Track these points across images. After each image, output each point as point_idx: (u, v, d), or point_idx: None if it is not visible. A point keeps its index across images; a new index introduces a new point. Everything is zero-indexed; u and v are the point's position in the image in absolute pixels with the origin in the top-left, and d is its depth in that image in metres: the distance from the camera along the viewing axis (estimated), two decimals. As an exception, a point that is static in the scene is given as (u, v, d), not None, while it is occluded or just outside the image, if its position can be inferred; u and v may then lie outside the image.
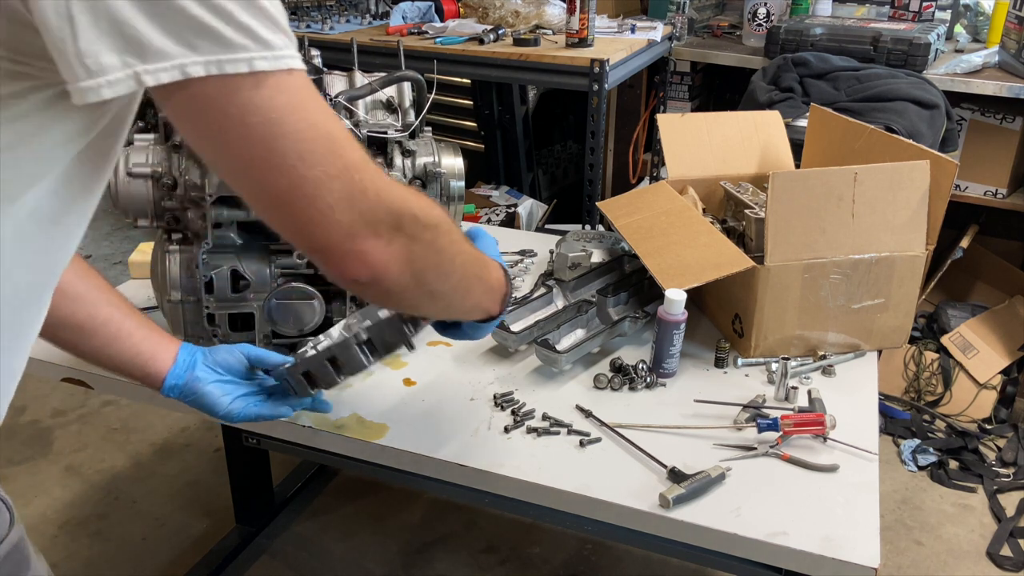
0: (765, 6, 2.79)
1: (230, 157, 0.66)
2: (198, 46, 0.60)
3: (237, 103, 0.63)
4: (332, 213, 0.69)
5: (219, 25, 0.60)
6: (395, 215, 0.73)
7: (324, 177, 0.67)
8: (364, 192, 0.70)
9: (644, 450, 1.16)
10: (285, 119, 0.65)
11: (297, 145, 0.65)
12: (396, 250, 0.74)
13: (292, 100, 0.65)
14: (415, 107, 1.37)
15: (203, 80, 0.61)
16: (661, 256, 1.38)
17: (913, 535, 2.16)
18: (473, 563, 2.06)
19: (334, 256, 0.72)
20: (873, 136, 1.50)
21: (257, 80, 0.62)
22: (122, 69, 0.59)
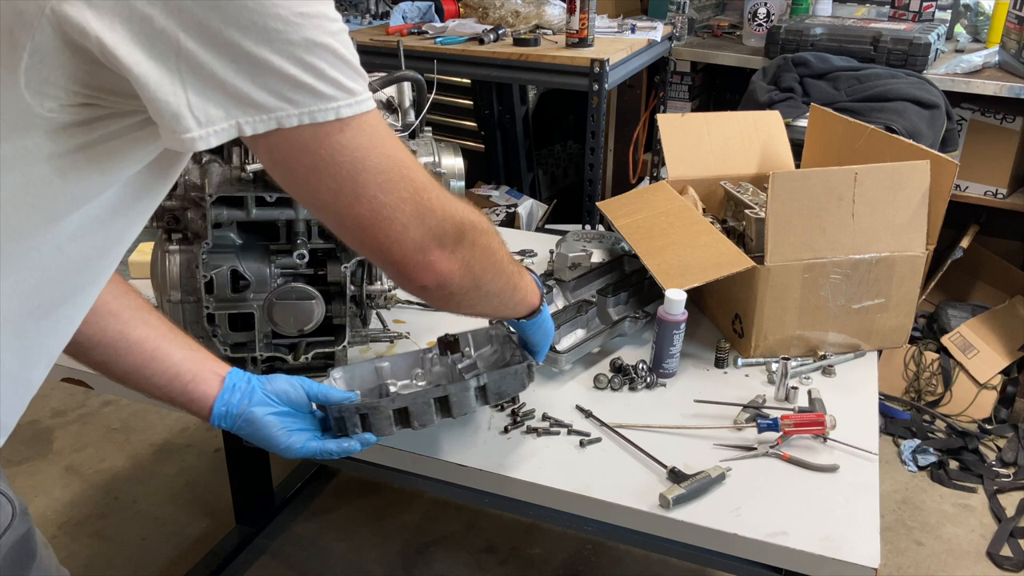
0: (765, 6, 2.79)
1: (320, 191, 0.74)
2: (293, 100, 0.67)
3: (327, 146, 0.71)
4: (407, 232, 0.78)
5: (311, 80, 0.67)
6: (458, 227, 0.83)
7: (399, 201, 0.77)
8: (432, 210, 0.80)
9: (644, 450, 1.16)
10: (367, 156, 0.73)
11: (377, 177, 0.75)
12: (459, 258, 0.84)
13: (371, 138, 0.73)
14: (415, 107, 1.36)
15: (296, 128, 0.68)
16: (661, 256, 1.38)
17: (913, 535, 2.16)
18: (473, 563, 2.06)
19: (407, 267, 0.81)
20: (873, 136, 1.50)
21: (342, 124, 0.70)
22: (226, 120, 0.66)
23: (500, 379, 1.08)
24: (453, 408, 1.06)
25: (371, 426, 1.04)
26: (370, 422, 1.03)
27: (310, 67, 0.67)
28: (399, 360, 1.25)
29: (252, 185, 1.21)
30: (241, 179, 1.20)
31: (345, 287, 1.29)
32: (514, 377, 1.09)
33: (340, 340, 1.32)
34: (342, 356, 1.31)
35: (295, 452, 1.02)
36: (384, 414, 1.03)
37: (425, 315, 1.52)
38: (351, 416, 1.03)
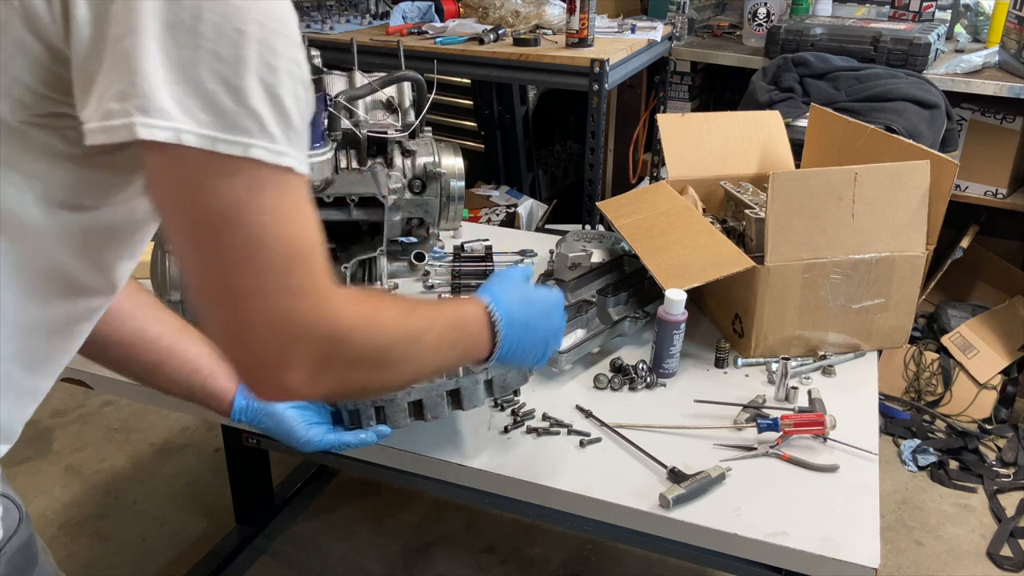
0: (765, 6, 2.79)
1: (180, 231, 0.63)
2: (201, 119, 0.59)
3: (210, 186, 0.60)
4: (255, 331, 0.65)
5: (232, 105, 0.59)
6: (329, 345, 0.69)
7: (257, 292, 0.64)
8: (298, 320, 0.66)
9: (644, 450, 1.16)
10: (246, 218, 0.61)
11: (245, 249, 0.62)
12: (320, 381, 0.69)
13: (267, 201, 0.62)
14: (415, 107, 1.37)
15: (190, 150, 0.59)
16: (661, 256, 1.38)
17: (913, 535, 2.16)
18: (473, 563, 2.06)
19: (250, 374, 0.68)
20: (873, 136, 1.50)
21: (241, 167, 0.60)
22: (123, 116, 0.58)
23: (505, 373, 1.12)
24: (464, 400, 1.09)
25: (386, 418, 1.06)
26: (385, 414, 1.05)
27: (236, 91, 0.59)
28: None
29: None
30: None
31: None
32: (518, 371, 1.14)
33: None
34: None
35: (314, 445, 1.03)
36: (399, 407, 1.06)
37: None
38: (366, 409, 1.05)
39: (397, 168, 1.32)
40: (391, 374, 0.79)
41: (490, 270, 1.66)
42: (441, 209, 1.36)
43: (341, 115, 1.25)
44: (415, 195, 1.34)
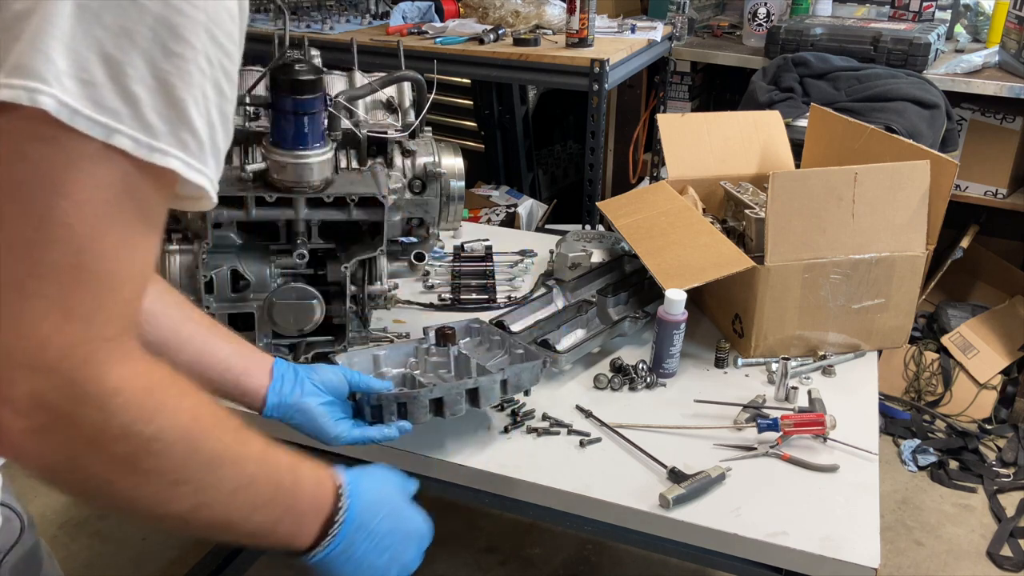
0: (765, 6, 2.79)
1: None
2: (65, 85, 0.49)
3: (27, 145, 0.49)
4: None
5: (101, 76, 0.50)
6: (76, 401, 0.53)
7: (16, 283, 0.50)
8: (55, 346, 0.51)
9: (644, 450, 1.16)
10: (52, 196, 0.50)
11: (41, 232, 0.50)
12: (38, 440, 0.53)
13: (96, 193, 0.51)
14: (415, 107, 1.36)
15: (37, 111, 0.49)
16: (661, 256, 1.38)
17: (913, 535, 2.16)
18: (473, 563, 2.06)
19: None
20: (873, 136, 1.50)
21: (91, 149, 0.50)
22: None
23: (519, 372, 1.16)
24: (481, 399, 1.12)
25: (408, 414, 1.08)
26: (407, 410, 1.08)
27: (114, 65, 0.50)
28: (395, 349, 1.28)
29: (252, 185, 1.21)
30: (241, 179, 1.20)
31: (345, 287, 1.29)
32: (531, 372, 1.18)
33: (340, 340, 1.32)
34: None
35: (343, 440, 1.04)
36: (421, 403, 1.08)
37: (425, 315, 1.52)
38: (389, 405, 1.07)
39: (397, 168, 1.32)
40: (153, 487, 0.59)
41: (490, 270, 1.66)
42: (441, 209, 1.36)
43: (341, 115, 1.25)
44: (415, 195, 1.34)
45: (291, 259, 1.27)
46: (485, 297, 1.58)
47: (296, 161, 1.18)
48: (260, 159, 1.21)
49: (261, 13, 2.84)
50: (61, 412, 0.53)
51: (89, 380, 0.53)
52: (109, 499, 0.59)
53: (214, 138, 0.56)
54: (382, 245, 1.29)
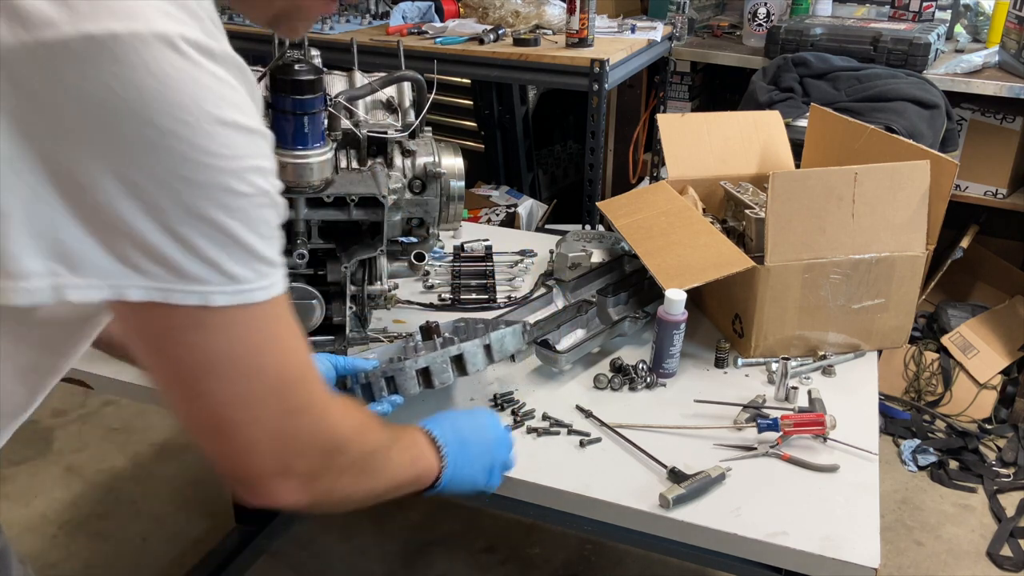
0: (765, 6, 2.79)
1: (158, 375, 0.61)
2: (147, 271, 0.54)
3: (174, 337, 0.57)
4: (252, 452, 0.64)
5: (178, 255, 0.54)
6: (326, 455, 0.70)
7: (252, 420, 0.63)
8: (297, 436, 0.66)
9: (644, 450, 1.16)
10: (228, 361, 0.59)
11: (229, 386, 0.61)
12: (312, 489, 0.70)
13: (236, 342, 0.59)
14: (415, 107, 1.36)
15: (142, 304, 0.55)
16: (661, 256, 1.38)
17: (913, 535, 2.16)
18: (473, 563, 2.06)
19: (242, 486, 0.67)
20: (873, 136, 1.50)
21: (206, 315, 0.57)
22: (45, 277, 0.53)
23: (502, 338, 1.18)
24: (467, 364, 1.14)
25: (397, 387, 1.10)
26: (396, 383, 1.10)
27: (181, 238, 0.54)
28: (384, 349, 1.29)
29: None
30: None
31: (345, 287, 1.29)
32: (513, 335, 1.20)
33: (340, 340, 1.32)
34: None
35: None
36: (408, 374, 1.10)
37: (425, 315, 1.52)
38: (377, 380, 1.10)
39: (397, 168, 1.32)
40: (369, 482, 0.79)
41: (490, 270, 1.66)
42: (441, 209, 1.36)
43: (341, 115, 1.25)
44: (415, 195, 1.34)
45: (291, 259, 1.26)
46: (485, 297, 1.58)
47: (296, 161, 1.18)
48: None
49: (261, 13, 2.83)
50: (324, 469, 0.70)
51: (333, 438, 0.71)
52: (344, 504, 0.77)
53: (278, 245, 0.62)
54: (382, 245, 1.29)
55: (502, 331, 1.18)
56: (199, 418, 0.63)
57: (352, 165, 1.30)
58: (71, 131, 0.51)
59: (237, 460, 0.65)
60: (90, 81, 0.50)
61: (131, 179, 0.52)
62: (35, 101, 0.50)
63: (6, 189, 0.51)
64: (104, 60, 0.50)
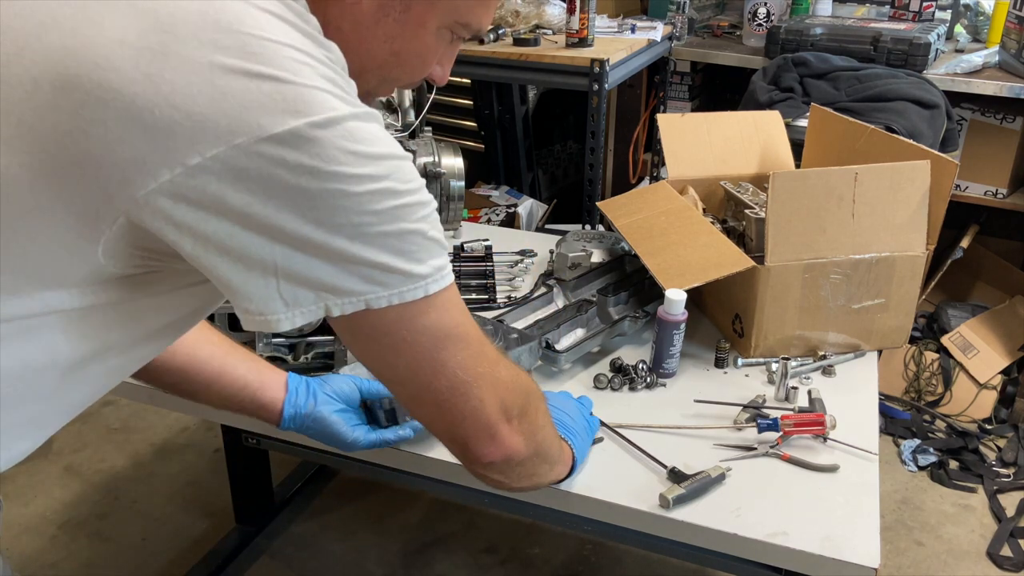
0: (765, 6, 2.79)
1: (398, 368, 0.74)
2: (385, 283, 0.68)
3: (410, 327, 0.71)
4: (482, 407, 0.78)
5: (404, 264, 0.68)
6: (524, 397, 0.83)
7: (476, 377, 0.77)
8: (502, 382, 0.80)
9: (644, 450, 1.16)
10: (449, 333, 0.74)
11: (457, 354, 0.75)
12: (523, 429, 0.83)
13: (451, 314, 0.74)
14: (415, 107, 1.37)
15: (384, 309, 0.69)
16: (661, 256, 1.38)
17: (913, 535, 2.16)
18: (473, 563, 2.06)
19: (476, 443, 0.80)
20: (873, 136, 1.50)
21: (428, 303, 0.71)
22: (315, 303, 0.67)
23: (519, 355, 1.23)
24: None
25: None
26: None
27: (403, 252, 0.68)
28: None
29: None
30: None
31: (345, 287, 1.29)
32: (530, 353, 1.26)
33: (340, 340, 1.32)
34: (342, 356, 1.31)
35: (360, 445, 1.10)
36: None
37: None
38: (401, 407, 1.12)
39: (397, 168, 1.32)
40: (551, 434, 0.94)
41: (490, 270, 1.66)
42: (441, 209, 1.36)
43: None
44: (415, 195, 1.34)
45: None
46: (485, 297, 1.58)
47: (296, 161, 1.17)
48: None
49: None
50: (526, 407, 0.84)
51: (523, 379, 0.86)
52: (546, 448, 0.91)
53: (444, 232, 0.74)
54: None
55: (518, 350, 1.23)
56: (440, 392, 0.76)
57: (352, 165, 1.30)
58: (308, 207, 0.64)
59: (471, 419, 0.78)
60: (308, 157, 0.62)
61: (360, 222, 0.65)
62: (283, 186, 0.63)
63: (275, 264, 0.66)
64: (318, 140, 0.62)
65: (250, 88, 0.60)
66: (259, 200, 0.61)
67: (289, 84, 0.61)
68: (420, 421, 0.84)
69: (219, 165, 0.60)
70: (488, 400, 0.78)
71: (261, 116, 0.60)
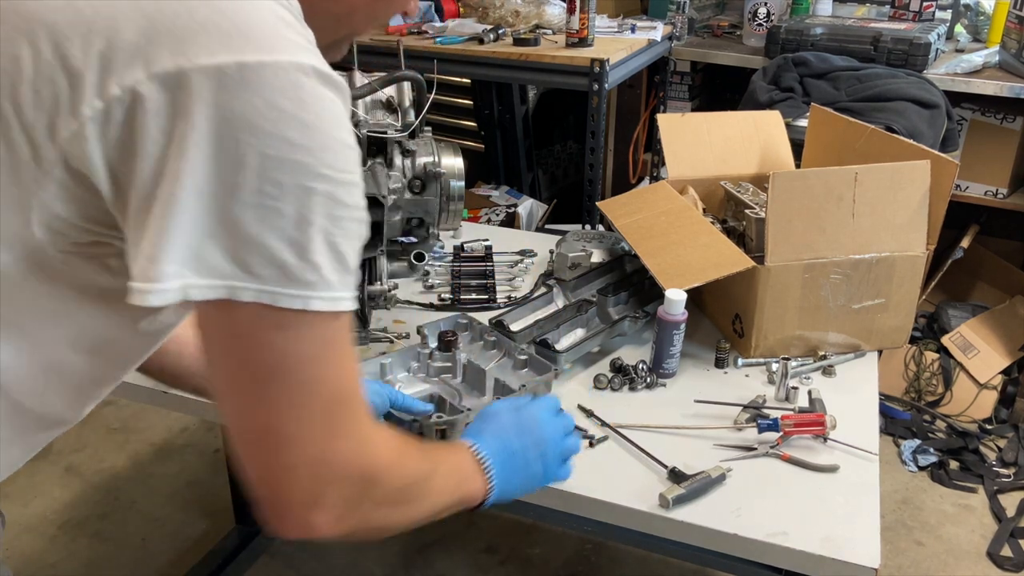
0: (765, 6, 2.79)
1: (223, 376, 0.64)
2: (261, 274, 0.58)
3: (264, 339, 0.60)
4: (294, 473, 0.65)
5: (292, 259, 0.59)
6: (363, 485, 0.69)
7: (301, 436, 0.64)
8: (335, 462, 0.66)
9: (644, 450, 1.16)
10: (302, 374, 0.62)
11: (293, 395, 0.62)
12: (346, 521, 0.69)
13: (321, 355, 0.63)
14: (415, 107, 1.36)
15: (244, 305, 0.59)
16: (661, 256, 1.38)
17: (913, 535, 2.15)
18: (473, 563, 2.06)
19: (276, 513, 0.67)
20: (873, 136, 1.50)
21: (301, 320, 0.60)
22: (175, 279, 0.57)
23: (536, 386, 1.23)
24: None
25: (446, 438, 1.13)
26: (446, 435, 1.13)
27: (297, 245, 0.58)
28: (399, 356, 1.29)
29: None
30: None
31: (345, 287, 1.29)
32: (545, 385, 1.25)
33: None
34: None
35: None
36: (459, 428, 1.13)
37: (425, 315, 1.52)
38: (430, 431, 1.12)
39: (397, 168, 1.32)
40: (407, 512, 0.77)
41: (490, 270, 1.66)
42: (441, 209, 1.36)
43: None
44: (415, 195, 1.34)
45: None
46: (485, 297, 1.58)
47: (296, 161, 1.17)
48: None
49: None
50: (360, 499, 0.69)
51: (370, 468, 0.69)
52: (384, 533, 0.76)
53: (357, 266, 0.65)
54: (382, 245, 1.29)
55: (537, 380, 1.24)
56: (252, 426, 0.64)
57: (352, 165, 1.30)
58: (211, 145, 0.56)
59: (276, 482, 0.66)
60: (238, 101, 0.56)
61: (260, 188, 0.57)
62: (187, 120, 0.56)
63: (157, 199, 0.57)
64: (251, 84, 0.56)
65: (180, 13, 0.56)
66: (163, 131, 0.56)
67: (226, 16, 0.56)
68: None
69: (135, 93, 0.55)
70: (305, 470, 0.65)
71: (191, 45, 0.55)
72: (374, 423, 0.70)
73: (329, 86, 0.60)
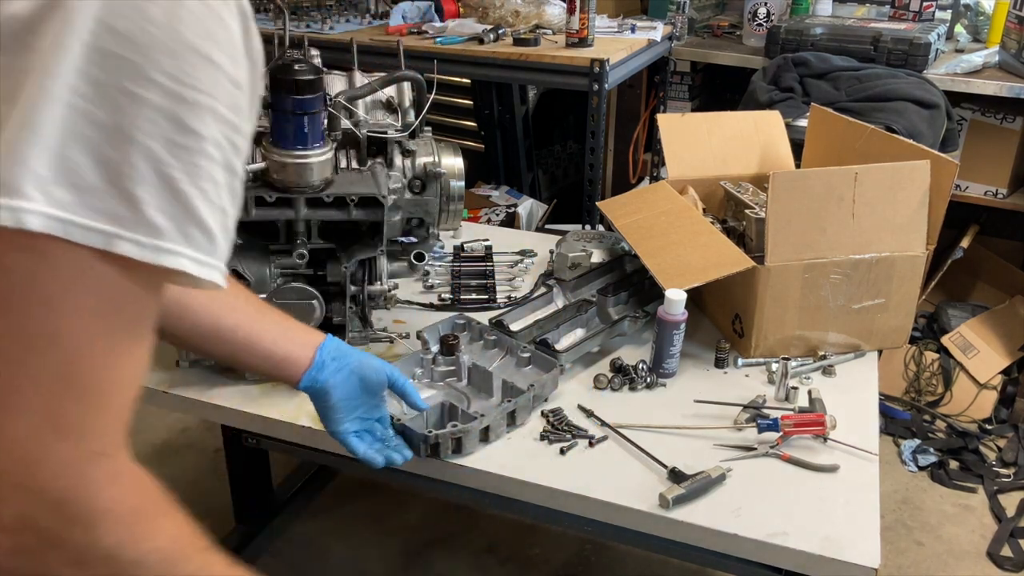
0: (765, 6, 2.79)
1: None
2: (53, 195, 0.46)
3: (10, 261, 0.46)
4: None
5: (97, 182, 0.46)
6: (63, 522, 0.50)
7: (9, 403, 0.48)
8: (44, 466, 0.49)
9: (644, 450, 1.16)
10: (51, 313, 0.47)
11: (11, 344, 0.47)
12: (13, 559, 0.50)
13: (91, 302, 0.48)
14: (415, 107, 1.36)
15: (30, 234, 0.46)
16: (661, 256, 1.38)
17: (913, 535, 2.15)
18: (473, 563, 2.06)
19: None
20: (873, 136, 1.50)
21: (92, 259, 0.47)
22: None
23: (542, 386, 1.24)
24: (518, 416, 1.21)
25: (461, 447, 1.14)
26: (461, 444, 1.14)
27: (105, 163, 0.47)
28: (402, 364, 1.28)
29: (252, 185, 1.21)
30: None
31: (345, 287, 1.29)
32: (552, 382, 1.26)
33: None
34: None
35: (339, 440, 1.09)
36: (473, 436, 1.14)
37: (425, 315, 1.52)
38: (446, 441, 1.13)
39: (397, 168, 1.32)
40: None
41: (490, 270, 1.66)
42: (441, 209, 1.36)
43: (341, 115, 1.25)
44: (415, 195, 1.34)
45: (291, 259, 1.26)
46: (485, 297, 1.58)
47: (296, 161, 1.18)
48: (260, 159, 1.21)
49: (261, 13, 2.84)
50: (49, 533, 0.50)
51: (80, 500, 0.50)
52: None
53: (225, 223, 0.53)
54: (382, 245, 1.29)
55: (544, 379, 1.25)
56: None
57: (352, 165, 1.30)
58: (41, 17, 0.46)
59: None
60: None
61: (72, 83, 0.45)
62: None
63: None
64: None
65: None
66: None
67: None
68: None
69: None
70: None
71: None
72: (124, 449, 0.54)
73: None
